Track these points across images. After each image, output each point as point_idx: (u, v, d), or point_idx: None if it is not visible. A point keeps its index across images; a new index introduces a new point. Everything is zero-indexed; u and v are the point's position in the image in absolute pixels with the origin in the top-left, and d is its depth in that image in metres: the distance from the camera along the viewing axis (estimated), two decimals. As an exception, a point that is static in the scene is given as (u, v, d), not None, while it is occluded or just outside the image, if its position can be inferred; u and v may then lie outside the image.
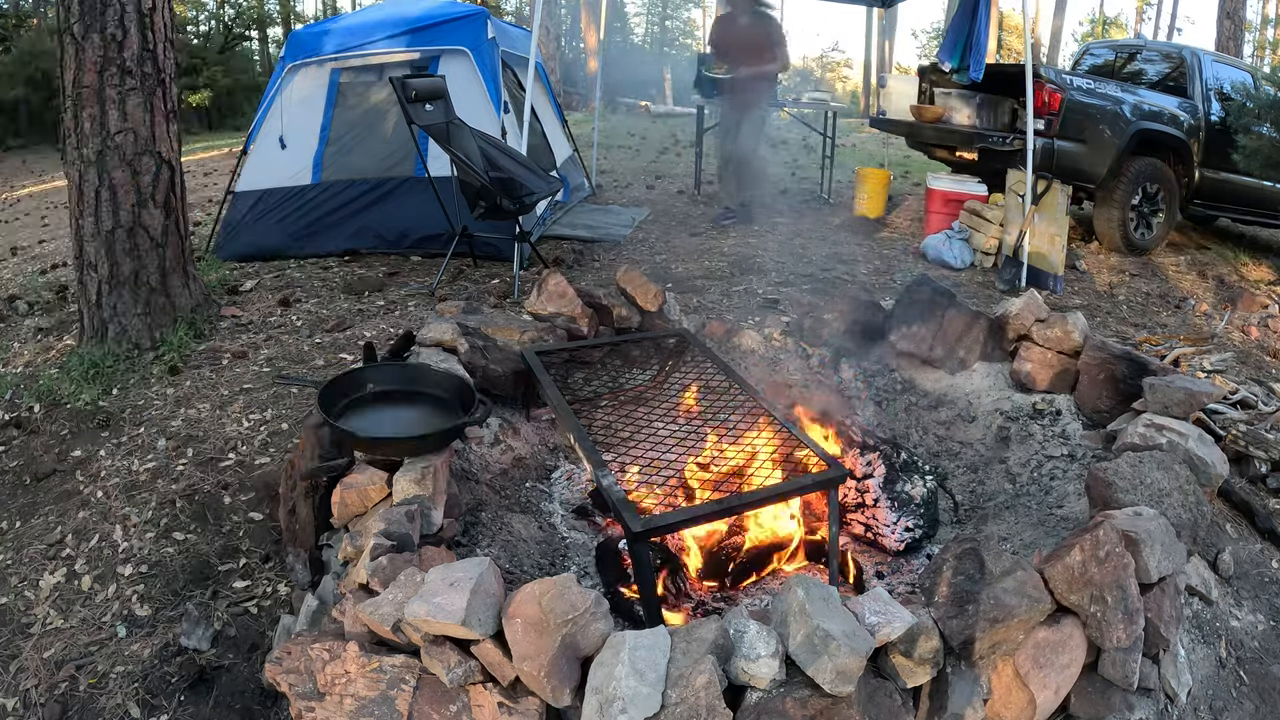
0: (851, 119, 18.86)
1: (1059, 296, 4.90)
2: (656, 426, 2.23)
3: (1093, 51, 7.66)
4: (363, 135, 4.97)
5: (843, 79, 35.68)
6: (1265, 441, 2.69)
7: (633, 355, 2.86)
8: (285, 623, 1.91)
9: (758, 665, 1.37)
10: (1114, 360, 2.63)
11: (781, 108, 7.87)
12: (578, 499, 2.43)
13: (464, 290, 4.36)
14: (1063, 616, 1.62)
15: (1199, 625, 2.03)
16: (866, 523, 2.33)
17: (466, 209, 4.22)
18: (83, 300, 3.30)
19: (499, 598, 1.46)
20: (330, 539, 1.99)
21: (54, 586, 2.13)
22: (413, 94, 4.03)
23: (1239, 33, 12.45)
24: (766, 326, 3.31)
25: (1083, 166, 5.70)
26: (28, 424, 2.83)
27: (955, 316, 2.97)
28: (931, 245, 5.59)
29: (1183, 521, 1.96)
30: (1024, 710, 1.55)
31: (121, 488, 2.47)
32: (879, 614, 1.47)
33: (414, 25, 5.05)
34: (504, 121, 4.87)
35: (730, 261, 5.19)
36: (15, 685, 1.83)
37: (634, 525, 1.66)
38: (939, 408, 2.95)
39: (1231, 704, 1.91)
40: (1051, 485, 2.47)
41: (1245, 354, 3.98)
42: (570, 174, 6.72)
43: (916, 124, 6.59)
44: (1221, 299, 5.21)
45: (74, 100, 3.10)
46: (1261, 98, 5.94)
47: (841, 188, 8.11)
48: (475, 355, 2.52)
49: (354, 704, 1.43)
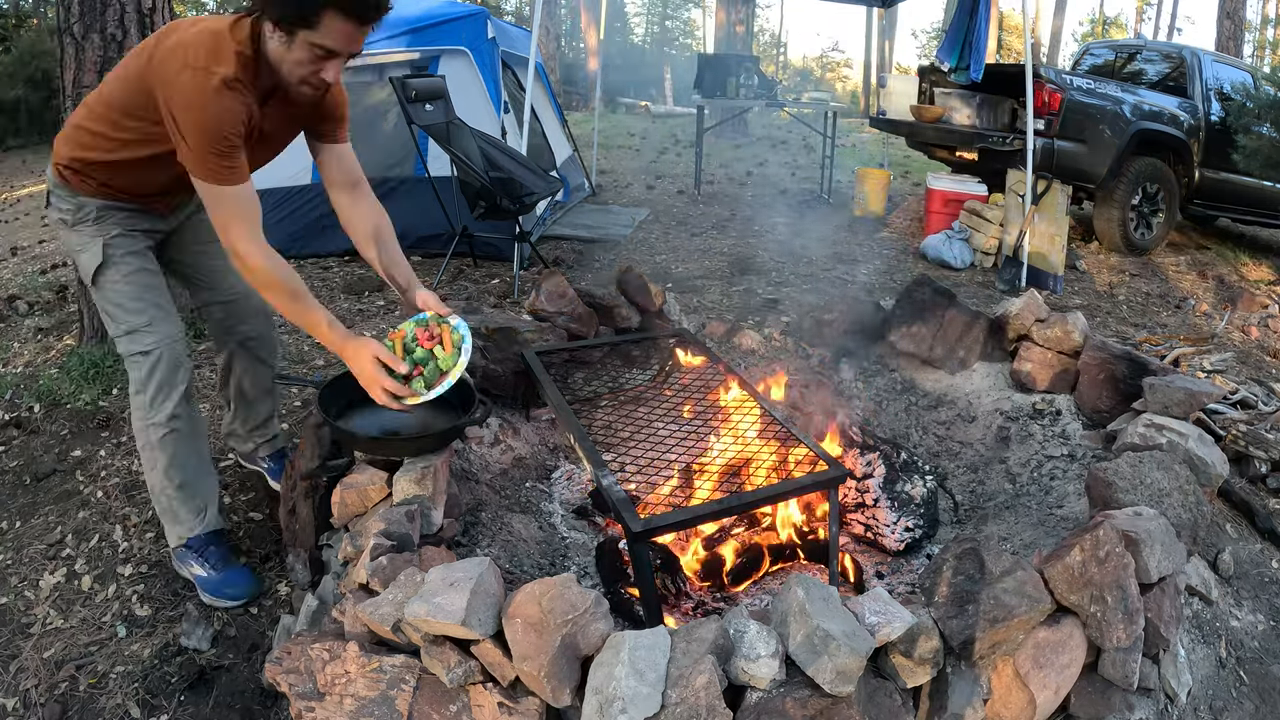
0: (851, 119, 18.86)
1: (1059, 296, 4.90)
2: (656, 426, 2.23)
3: (1093, 51, 7.66)
4: (362, 135, 4.97)
5: (843, 79, 35.70)
6: (1265, 441, 2.69)
7: (633, 355, 2.86)
8: (285, 623, 1.91)
9: (758, 665, 1.37)
10: (1114, 360, 2.63)
11: (781, 107, 7.87)
12: (578, 499, 2.43)
13: (464, 290, 4.37)
14: (1063, 616, 1.62)
15: (1199, 625, 2.03)
16: (866, 523, 2.33)
17: (466, 209, 4.22)
18: (82, 300, 3.30)
19: (499, 598, 1.46)
20: (330, 539, 1.99)
21: (54, 586, 2.13)
22: (413, 94, 4.03)
23: (1239, 33, 12.46)
24: (766, 326, 3.31)
25: (1083, 166, 5.70)
26: (28, 424, 2.83)
27: (955, 316, 2.97)
28: (931, 245, 5.59)
29: (1183, 521, 1.96)
30: (1024, 710, 1.55)
31: (121, 488, 2.47)
32: (879, 614, 1.47)
33: (414, 25, 5.05)
34: (504, 121, 4.87)
35: (730, 261, 5.20)
36: (15, 685, 1.83)
37: (634, 525, 1.66)
38: (939, 408, 2.95)
39: (1231, 704, 1.91)
40: (1051, 485, 2.47)
41: (1245, 354, 3.98)
42: (570, 174, 6.72)
43: (916, 124, 6.59)
44: (1221, 299, 5.21)
45: (74, 100, 3.10)
46: (1261, 98, 5.95)
47: (841, 188, 8.12)
48: (475, 355, 2.52)
49: (354, 704, 1.43)
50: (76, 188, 1.93)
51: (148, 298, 1.99)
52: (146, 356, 1.97)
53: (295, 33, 1.65)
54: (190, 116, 1.66)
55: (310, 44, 1.66)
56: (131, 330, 1.97)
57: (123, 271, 1.97)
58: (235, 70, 1.69)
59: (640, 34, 36.11)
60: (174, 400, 2.01)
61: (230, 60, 1.68)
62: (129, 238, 2.00)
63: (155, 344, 1.97)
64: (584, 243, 5.57)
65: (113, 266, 1.96)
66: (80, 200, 1.94)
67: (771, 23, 50.03)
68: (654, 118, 17.33)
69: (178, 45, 1.70)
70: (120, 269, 1.97)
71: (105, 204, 1.96)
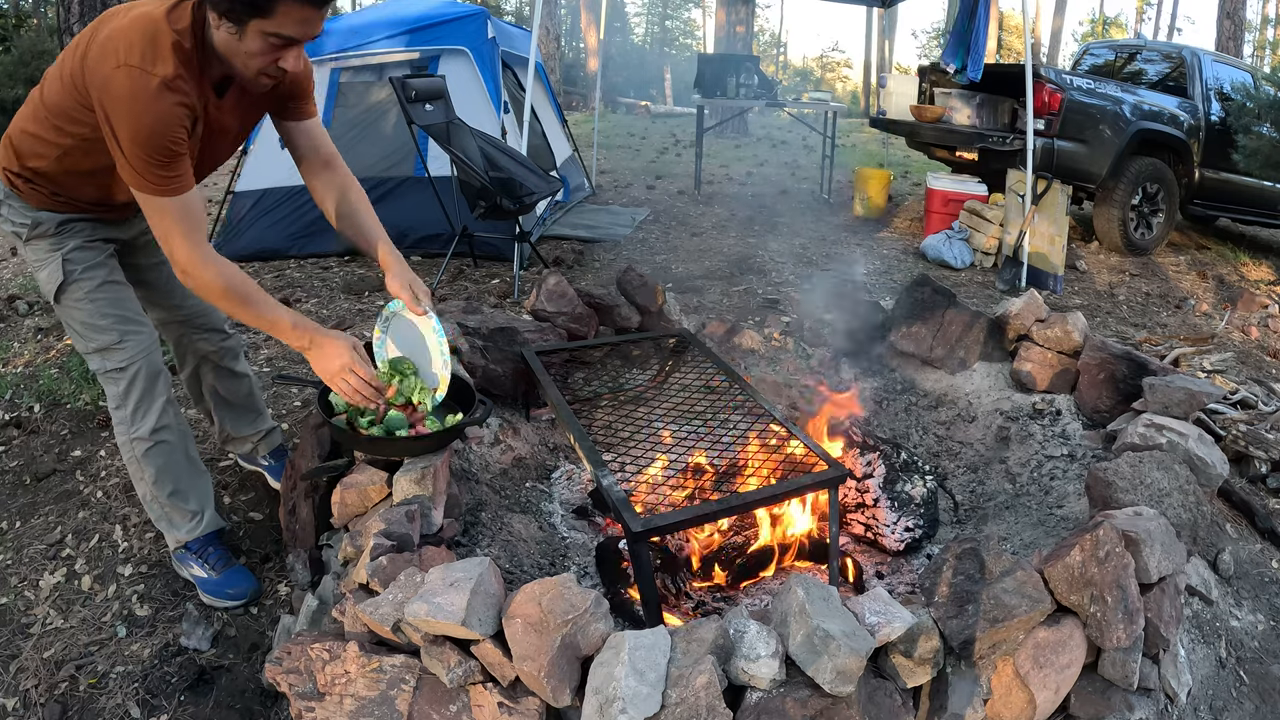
0: (851, 119, 18.87)
1: (1059, 296, 4.90)
2: (656, 426, 2.23)
3: (1093, 51, 7.66)
4: (362, 135, 4.97)
5: (843, 79, 35.73)
6: (1265, 441, 2.69)
7: (633, 355, 2.86)
8: (285, 623, 1.91)
9: (758, 665, 1.37)
10: (1114, 360, 2.63)
11: (782, 107, 7.87)
12: (578, 499, 2.43)
13: (464, 290, 4.37)
14: (1063, 616, 1.62)
15: (1199, 625, 2.03)
16: (866, 523, 2.33)
17: (466, 209, 4.23)
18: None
19: (499, 598, 1.47)
20: (330, 539, 1.99)
21: (54, 586, 2.13)
22: (413, 94, 4.03)
23: (1239, 33, 12.46)
24: (766, 326, 3.31)
25: (1083, 166, 5.71)
26: (28, 424, 2.83)
27: (955, 316, 2.97)
28: (931, 245, 5.59)
29: (1183, 521, 1.96)
30: (1024, 710, 1.55)
31: (121, 488, 2.47)
32: (879, 614, 1.47)
33: (414, 25, 5.06)
34: (504, 121, 4.87)
35: (730, 261, 5.20)
36: (15, 685, 1.83)
37: (634, 525, 1.66)
38: (939, 408, 2.95)
39: (1231, 704, 1.91)
40: (1051, 485, 2.47)
41: (1245, 354, 3.98)
42: (570, 174, 6.72)
43: (916, 124, 6.59)
44: (1221, 299, 5.21)
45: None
46: (1261, 98, 5.94)
47: (841, 188, 8.11)
48: (475, 355, 2.52)
49: (354, 704, 1.43)
50: (28, 198, 1.79)
51: (115, 312, 1.87)
52: (123, 373, 1.88)
53: (246, 22, 1.49)
54: (127, 123, 1.50)
55: (265, 33, 1.51)
56: (102, 348, 1.87)
57: (86, 288, 1.84)
58: (175, 68, 1.51)
59: (640, 34, 36.13)
60: (155, 413, 1.92)
61: (168, 56, 1.51)
62: (89, 249, 1.85)
63: (129, 359, 1.87)
64: (584, 243, 5.57)
65: (74, 284, 1.83)
66: (35, 216, 1.80)
67: (771, 23, 50.08)
68: (654, 118, 17.34)
69: (110, 39, 1.52)
70: (83, 285, 1.84)
71: (63, 218, 1.81)
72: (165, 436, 1.96)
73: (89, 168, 1.72)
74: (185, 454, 2.03)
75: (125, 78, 1.48)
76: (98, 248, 1.88)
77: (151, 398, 1.93)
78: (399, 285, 1.89)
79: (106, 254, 1.91)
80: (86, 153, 1.68)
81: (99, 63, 1.52)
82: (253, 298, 1.69)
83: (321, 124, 1.95)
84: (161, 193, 1.57)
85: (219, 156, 1.84)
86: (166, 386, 1.97)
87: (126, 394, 1.91)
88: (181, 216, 1.60)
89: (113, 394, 1.92)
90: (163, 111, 1.51)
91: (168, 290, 2.10)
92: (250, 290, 1.69)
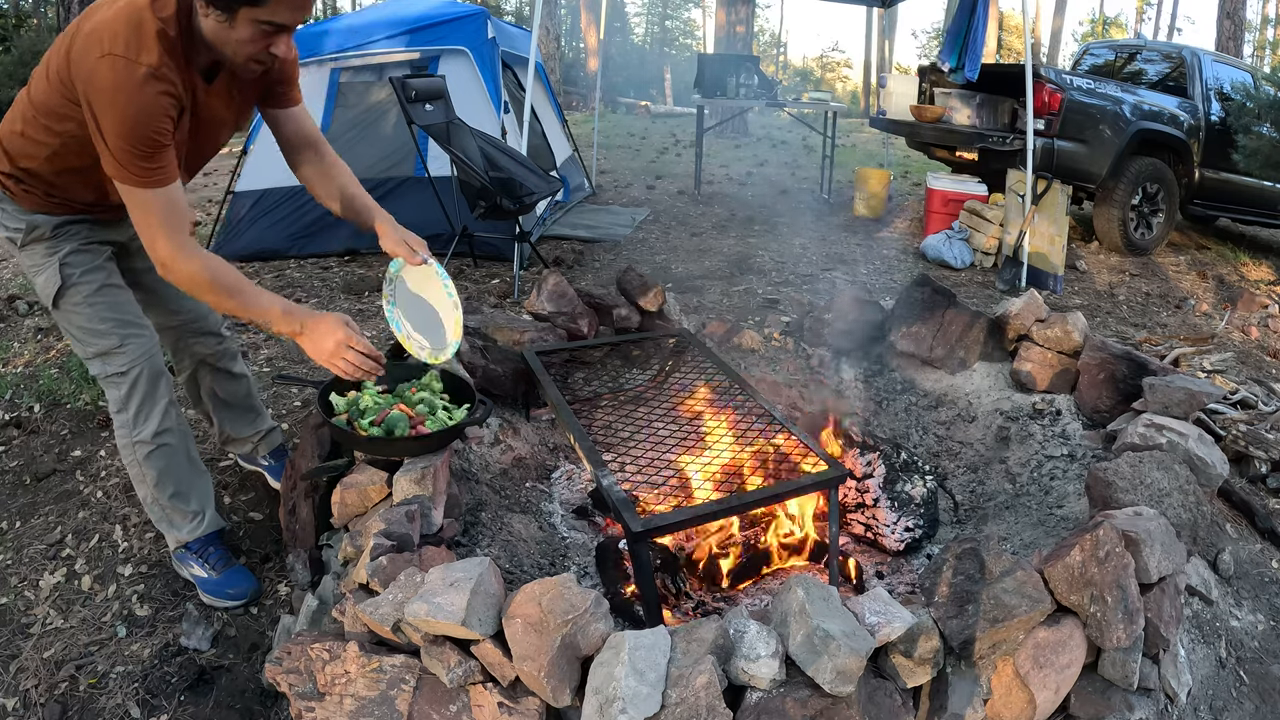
0: (851, 119, 18.87)
1: (1059, 296, 4.90)
2: (656, 426, 2.23)
3: (1093, 51, 7.67)
4: (362, 135, 4.97)
5: (843, 79, 35.74)
6: (1265, 441, 2.69)
7: (633, 355, 2.86)
8: (285, 623, 1.91)
9: (758, 665, 1.37)
10: (1114, 360, 2.63)
11: (782, 107, 7.88)
12: (578, 499, 2.43)
13: (464, 290, 4.37)
14: (1063, 616, 1.62)
15: (1199, 625, 2.03)
16: (866, 523, 2.33)
17: (466, 209, 4.23)
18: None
19: (499, 598, 1.47)
20: (330, 539, 1.99)
21: (54, 586, 2.13)
22: (413, 94, 4.03)
23: (1239, 33, 12.46)
24: (766, 326, 3.31)
25: (1083, 166, 5.71)
26: (28, 424, 2.83)
27: (955, 316, 2.97)
28: (931, 245, 5.59)
29: (1183, 521, 1.96)
30: (1024, 710, 1.55)
31: (121, 488, 2.47)
32: (879, 614, 1.47)
33: (414, 25, 5.06)
34: (504, 121, 4.88)
35: (730, 261, 5.20)
36: (15, 685, 1.83)
37: (634, 525, 1.66)
38: (939, 408, 2.95)
39: (1231, 704, 1.91)
40: (1051, 485, 2.47)
41: (1245, 354, 3.98)
42: (570, 174, 6.72)
43: (916, 124, 6.59)
44: (1221, 299, 5.22)
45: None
46: (1261, 98, 5.95)
47: (841, 188, 8.12)
48: (475, 355, 2.52)
49: (354, 704, 1.43)
50: (21, 202, 1.77)
51: (115, 315, 1.85)
52: (124, 377, 1.86)
53: (237, 10, 1.48)
54: (111, 113, 1.48)
55: (256, 21, 1.50)
56: (103, 353, 1.85)
57: (84, 292, 1.82)
58: (160, 56, 1.50)
59: (640, 34, 36.14)
60: (158, 416, 1.91)
61: (152, 45, 1.49)
62: (86, 253, 1.84)
63: (130, 363, 1.86)
64: (584, 243, 5.57)
65: (73, 288, 1.81)
66: (31, 220, 1.78)
67: (771, 23, 50.07)
68: (654, 118, 17.34)
69: (94, 30, 1.51)
70: (81, 289, 1.82)
71: (59, 221, 1.79)
72: (167, 439, 1.96)
73: (81, 165, 1.70)
74: (186, 455, 2.03)
75: (110, 67, 1.47)
76: (95, 250, 1.87)
77: (153, 401, 1.91)
78: (393, 242, 1.88)
79: (104, 257, 1.89)
80: (77, 151, 1.66)
81: (84, 55, 1.51)
82: (239, 288, 1.67)
83: (306, 110, 1.95)
84: (144, 184, 1.56)
85: (213, 146, 1.82)
86: (168, 389, 1.96)
87: (128, 398, 1.90)
88: (164, 209, 1.59)
89: (114, 398, 1.91)
90: (147, 101, 1.50)
91: (164, 294, 2.09)
92: (235, 280, 1.66)
